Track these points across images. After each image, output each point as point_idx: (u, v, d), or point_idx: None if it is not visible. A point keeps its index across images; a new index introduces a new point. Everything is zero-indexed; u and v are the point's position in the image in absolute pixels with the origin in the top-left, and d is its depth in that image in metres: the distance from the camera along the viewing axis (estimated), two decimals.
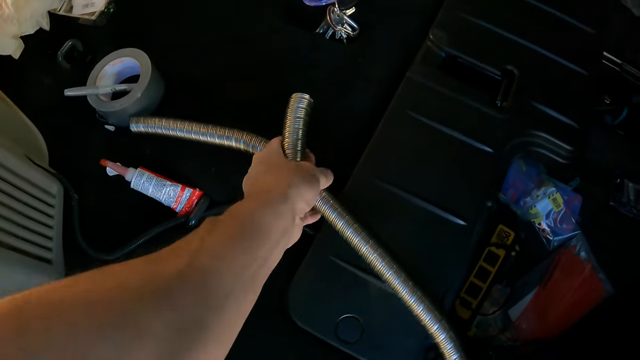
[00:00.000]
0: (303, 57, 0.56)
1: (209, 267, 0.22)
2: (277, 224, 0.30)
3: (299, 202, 0.34)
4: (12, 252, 0.44)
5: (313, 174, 0.37)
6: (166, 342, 0.18)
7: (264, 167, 0.38)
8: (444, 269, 0.44)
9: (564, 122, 0.53)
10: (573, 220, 0.64)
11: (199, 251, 0.23)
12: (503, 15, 0.59)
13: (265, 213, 0.30)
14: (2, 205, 0.43)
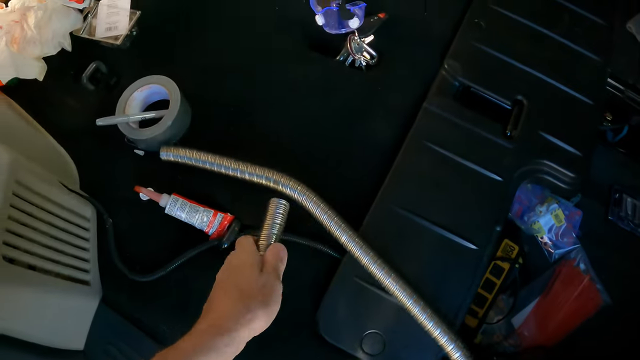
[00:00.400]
0: (324, 83, 0.62)
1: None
2: (228, 352, 0.35)
3: (250, 333, 0.39)
4: (52, 278, 0.50)
5: (273, 294, 0.40)
6: None
7: (229, 281, 0.40)
8: (457, 290, 0.52)
9: (569, 150, 0.60)
10: (573, 235, 0.73)
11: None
12: (513, 44, 0.65)
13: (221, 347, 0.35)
14: (40, 233, 0.49)
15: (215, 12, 0.68)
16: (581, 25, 0.72)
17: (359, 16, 0.61)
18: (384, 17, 0.64)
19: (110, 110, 0.61)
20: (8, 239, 0.45)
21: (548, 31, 0.69)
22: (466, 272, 0.52)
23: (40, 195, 0.51)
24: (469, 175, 0.55)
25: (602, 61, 0.69)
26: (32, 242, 0.48)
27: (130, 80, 0.63)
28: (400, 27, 0.66)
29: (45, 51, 0.67)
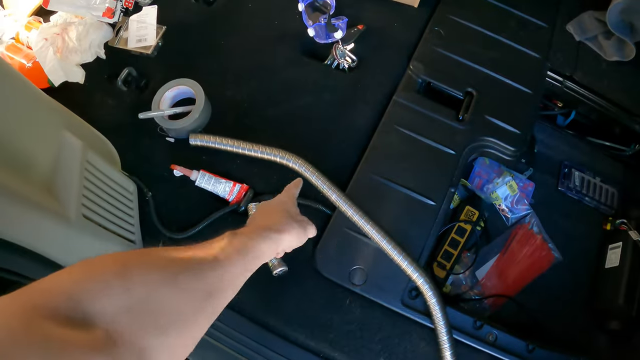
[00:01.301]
0: (315, 82, 0.90)
1: (223, 263, 0.44)
2: (266, 253, 0.51)
3: (284, 245, 0.56)
4: (110, 234, 0.77)
5: (305, 229, 0.59)
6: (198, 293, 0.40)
7: (280, 208, 0.60)
8: (420, 235, 0.80)
9: (510, 130, 0.89)
10: (526, 202, 1.01)
11: (220, 253, 0.45)
12: (467, 47, 0.94)
13: (263, 244, 0.51)
14: (102, 200, 0.76)
15: (227, 27, 0.95)
16: (525, 28, 1.02)
17: (342, 28, 0.90)
18: (362, 28, 0.93)
19: (141, 107, 0.88)
20: (84, 202, 0.72)
21: (496, 35, 0.98)
22: (427, 222, 0.80)
23: (100, 171, 0.78)
24: (429, 150, 0.84)
25: (541, 57, 0.99)
26: (98, 206, 0.75)
27: (157, 83, 0.91)
28: (375, 37, 0.95)
29: (84, 59, 0.94)
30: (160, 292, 0.39)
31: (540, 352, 0.82)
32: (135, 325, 0.36)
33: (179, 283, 0.40)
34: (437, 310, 0.76)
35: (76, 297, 0.34)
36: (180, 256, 0.43)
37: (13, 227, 0.61)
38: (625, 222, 0.99)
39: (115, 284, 0.36)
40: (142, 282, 0.38)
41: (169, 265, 0.41)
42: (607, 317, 0.96)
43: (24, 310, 0.32)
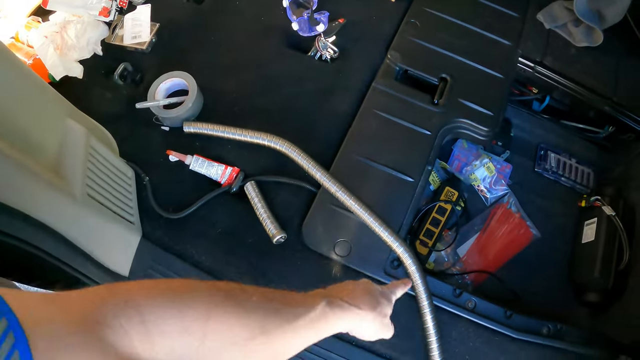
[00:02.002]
0: (300, 73, 1.02)
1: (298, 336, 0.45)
2: (338, 329, 0.51)
3: (357, 331, 0.55)
4: (112, 213, 0.88)
5: (384, 330, 0.58)
6: None
7: (378, 300, 0.57)
8: (400, 209, 0.91)
9: (482, 111, 1.01)
10: (504, 183, 1.13)
11: (302, 325, 0.45)
12: (441, 37, 1.07)
13: (343, 323, 0.51)
14: (103, 181, 0.87)
15: (216, 24, 1.08)
16: (497, 18, 1.15)
17: (323, 22, 1.03)
18: (342, 22, 1.06)
19: (137, 99, 0.99)
20: (88, 182, 0.82)
21: (470, 25, 1.11)
22: (406, 197, 0.92)
23: (102, 156, 0.89)
24: (406, 131, 0.95)
25: (512, 45, 1.11)
26: (100, 187, 0.86)
27: (151, 77, 1.02)
28: (355, 29, 1.08)
29: (82, 55, 1.05)
30: (234, 348, 0.40)
31: (518, 318, 0.92)
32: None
33: (253, 344, 0.41)
34: (417, 278, 0.87)
35: (149, 326, 0.34)
36: (267, 313, 0.43)
37: (29, 201, 0.72)
38: (599, 198, 1.11)
39: (195, 329, 0.37)
40: (220, 334, 0.39)
41: (252, 323, 0.41)
42: (584, 289, 1.07)
43: (92, 323, 0.32)
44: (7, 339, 0.25)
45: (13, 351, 0.25)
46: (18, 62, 0.81)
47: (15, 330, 0.26)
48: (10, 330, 0.25)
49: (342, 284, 0.57)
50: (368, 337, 0.60)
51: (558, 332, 0.93)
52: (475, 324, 0.91)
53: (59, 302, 0.32)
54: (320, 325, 0.48)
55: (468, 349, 0.89)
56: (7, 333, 0.25)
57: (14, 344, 0.25)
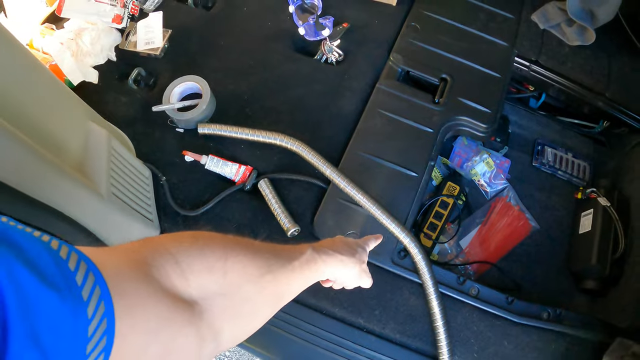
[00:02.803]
0: (307, 75, 1.13)
1: (297, 275, 0.54)
2: (326, 273, 0.60)
3: (339, 275, 0.65)
4: (133, 210, 0.98)
5: (361, 276, 0.68)
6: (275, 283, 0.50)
7: (354, 248, 0.68)
8: (405, 202, 1.02)
9: (481, 109, 1.12)
10: (503, 177, 1.24)
11: (299, 265, 0.54)
12: (441, 39, 1.18)
13: (328, 267, 0.59)
14: (124, 180, 0.97)
15: (225, 29, 1.19)
16: (493, 20, 1.26)
17: (329, 27, 1.14)
18: (347, 26, 1.17)
19: (151, 103, 1.09)
20: (112, 182, 0.93)
21: (467, 27, 1.22)
22: (410, 191, 1.03)
23: (122, 157, 0.99)
24: (409, 129, 1.06)
25: (508, 45, 1.23)
26: (122, 186, 0.96)
27: (164, 81, 1.13)
28: (359, 33, 1.19)
29: (97, 61, 1.15)
30: (248, 285, 0.47)
31: (519, 304, 1.03)
32: (223, 309, 0.44)
33: (263, 281, 0.49)
34: (424, 266, 0.97)
35: (183, 266, 0.42)
36: (269, 256, 0.52)
37: (62, 199, 0.82)
38: (595, 190, 1.22)
39: (217, 268, 0.45)
40: (237, 272, 0.46)
41: (260, 262, 0.49)
42: (583, 277, 1.18)
43: (141, 264, 0.39)
44: (96, 292, 0.32)
45: (100, 301, 0.32)
46: (44, 67, 0.91)
47: (98, 278, 0.33)
48: (97, 284, 0.32)
49: (322, 241, 0.69)
50: (349, 283, 0.71)
51: (558, 317, 1.04)
52: (478, 310, 1.01)
53: (111, 252, 0.39)
54: (311, 267, 0.57)
55: (473, 333, 1.00)
56: (95, 287, 0.32)
57: (100, 295, 0.32)
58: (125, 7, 1.18)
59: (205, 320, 0.42)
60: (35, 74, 0.86)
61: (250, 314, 0.49)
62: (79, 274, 0.31)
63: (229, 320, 0.46)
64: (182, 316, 0.40)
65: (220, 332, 0.44)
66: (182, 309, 0.40)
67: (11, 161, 0.73)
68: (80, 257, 0.33)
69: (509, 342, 1.00)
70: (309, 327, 0.97)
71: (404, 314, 0.99)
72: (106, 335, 0.32)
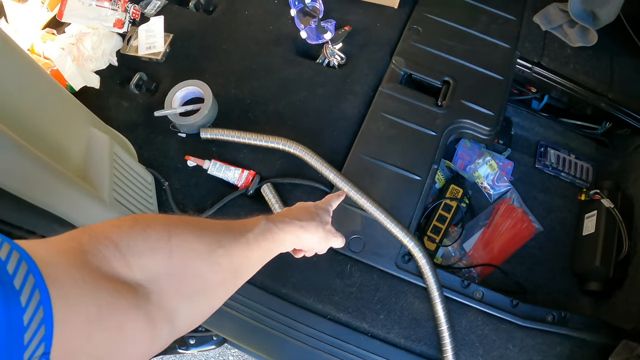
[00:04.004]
0: (309, 79, 1.12)
1: (252, 247, 0.53)
2: (287, 243, 0.60)
3: (305, 243, 0.64)
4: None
5: (329, 238, 0.68)
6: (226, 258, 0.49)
7: (312, 210, 0.67)
8: (409, 206, 1.01)
9: (483, 112, 1.12)
10: (506, 179, 1.24)
11: (252, 236, 0.53)
12: (443, 41, 1.18)
13: (288, 234, 0.59)
14: (127, 186, 0.96)
15: (227, 33, 1.18)
16: (495, 22, 1.26)
17: (330, 30, 1.13)
18: (348, 29, 1.17)
19: (153, 108, 1.09)
20: (115, 187, 0.92)
21: (469, 29, 1.22)
22: (414, 195, 1.02)
23: (125, 162, 0.98)
24: (412, 133, 1.06)
25: (511, 47, 1.23)
26: (125, 192, 0.95)
27: (166, 86, 1.12)
28: (361, 36, 1.19)
29: (98, 66, 1.15)
30: (197, 262, 0.46)
31: (523, 307, 1.03)
32: (172, 289, 0.43)
33: (214, 257, 0.48)
34: (428, 270, 0.97)
35: (124, 250, 0.40)
36: (219, 230, 0.51)
37: (65, 206, 0.82)
38: (598, 192, 1.22)
39: (161, 247, 0.43)
40: (183, 249, 0.45)
41: (209, 238, 0.48)
42: (586, 279, 1.18)
43: (77, 252, 0.37)
44: (29, 280, 0.31)
45: (34, 289, 0.31)
46: (45, 73, 0.91)
47: (31, 266, 0.32)
48: (30, 272, 0.32)
49: (279, 211, 0.67)
50: (319, 248, 0.69)
51: (562, 319, 1.04)
52: (483, 313, 1.01)
53: (46, 242, 0.38)
54: (267, 237, 0.56)
55: (477, 337, 0.99)
56: (28, 275, 0.31)
57: (34, 283, 0.31)
58: (127, 11, 1.17)
59: (153, 302, 0.41)
60: (37, 80, 0.86)
61: (204, 292, 0.47)
62: (10, 264, 0.30)
63: (181, 300, 0.44)
64: (126, 301, 0.39)
65: (174, 313, 0.43)
66: (125, 293, 0.39)
67: (13, 168, 0.73)
68: (13, 247, 0.32)
69: (514, 346, 1.00)
70: (313, 331, 0.97)
71: (409, 318, 0.98)
72: (44, 323, 0.31)
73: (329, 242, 0.70)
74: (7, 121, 0.70)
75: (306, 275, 0.98)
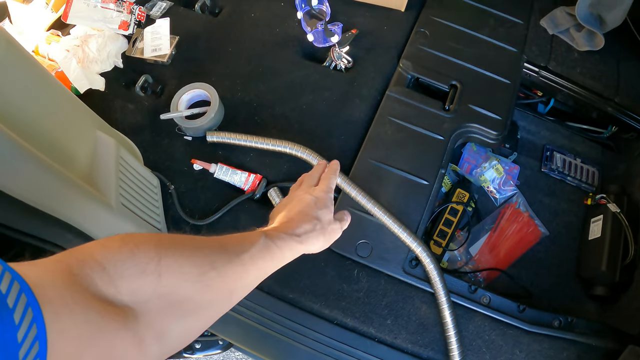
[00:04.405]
0: (316, 82, 1.12)
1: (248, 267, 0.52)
2: (287, 257, 0.59)
3: (313, 248, 0.65)
4: (141, 220, 0.96)
5: (332, 237, 0.68)
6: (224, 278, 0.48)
7: (306, 211, 0.65)
8: (416, 210, 1.01)
9: (491, 116, 1.11)
10: (512, 183, 1.24)
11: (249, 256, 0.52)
12: (450, 45, 1.17)
13: (288, 252, 0.59)
14: (133, 190, 0.96)
15: (233, 36, 1.17)
16: (502, 25, 1.25)
17: (337, 33, 1.13)
18: (355, 32, 1.16)
19: (158, 110, 1.08)
20: (121, 192, 0.91)
21: (476, 33, 1.21)
22: (422, 199, 1.02)
23: (130, 166, 0.97)
24: (420, 137, 1.05)
25: (518, 51, 1.22)
26: (131, 196, 0.94)
27: (171, 88, 1.12)
28: (368, 39, 1.18)
29: (103, 68, 1.14)
30: (187, 285, 0.46)
31: (530, 312, 1.02)
32: (162, 311, 0.43)
33: (205, 279, 0.47)
34: (436, 275, 0.96)
35: (111, 273, 0.41)
36: (213, 250, 0.50)
37: (71, 211, 0.81)
38: (604, 196, 1.21)
39: (150, 270, 0.43)
40: (173, 272, 0.45)
41: (200, 260, 0.48)
42: (592, 283, 1.17)
43: (65, 273, 0.38)
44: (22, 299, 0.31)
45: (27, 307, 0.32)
46: (51, 75, 0.90)
47: (23, 286, 0.32)
48: (22, 291, 0.32)
49: (277, 216, 0.65)
50: (323, 247, 0.68)
51: (569, 325, 1.03)
52: (490, 318, 1.00)
53: (33, 264, 0.38)
54: (265, 257, 0.55)
55: (484, 342, 0.99)
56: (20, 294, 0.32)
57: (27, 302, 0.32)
58: (132, 13, 1.16)
59: (142, 322, 0.41)
60: (43, 82, 0.85)
61: (194, 312, 0.47)
62: (3, 284, 0.31)
63: (170, 321, 0.44)
64: (115, 322, 0.39)
65: (163, 333, 0.43)
66: (114, 314, 0.39)
67: (19, 173, 0.72)
68: (5, 269, 0.32)
69: (520, 351, 0.99)
70: (320, 336, 0.96)
71: (416, 324, 0.98)
72: (38, 340, 0.31)
73: (332, 239, 0.70)
74: (12, 124, 0.69)
75: (313, 280, 0.98)
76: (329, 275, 0.98)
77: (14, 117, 0.72)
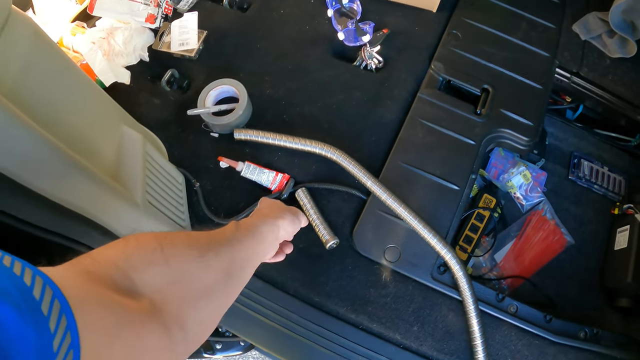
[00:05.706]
0: (346, 82, 1.08)
1: (234, 247, 0.56)
2: (268, 236, 0.65)
3: (282, 230, 0.70)
4: (167, 218, 0.94)
5: (297, 217, 0.75)
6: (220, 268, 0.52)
7: (272, 206, 0.74)
8: (446, 216, 0.98)
9: (523, 122, 1.08)
10: (539, 190, 1.20)
11: (231, 237, 0.57)
12: (482, 47, 1.13)
13: (264, 227, 0.64)
14: (159, 187, 0.93)
15: (262, 32, 1.14)
16: (535, 29, 1.21)
17: (369, 32, 1.09)
18: (387, 32, 1.12)
19: (184, 106, 1.05)
20: (147, 189, 0.88)
21: (509, 36, 1.18)
22: (452, 204, 0.98)
23: (157, 162, 0.95)
24: (451, 141, 1.02)
25: (550, 56, 1.18)
26: (157, 193, 0.92)
27: (198, 84, 1.08)
28: (399, 39, 1.14)
29: (129, 61, 1.11)
30: (192, 267, 0.49)
31: (557, 322, 0.99)
32: (177, 296, 0.45)
33: (205, 259, 0.50)
34: (464, 283, 0.93)
35: (123, 267, 0.42)
36: (204, 237, 0.54)
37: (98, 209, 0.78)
38: (632, 206, 1.18)
39: (156, 258, 0.45)
40: (177, 257, 0.47)
41: (197, 244, 0.51)
42: (617, 295, 1.14)
43: (83, 274, 0.39)
44: (55, 305, 0.31)
45: (61, 314, 0.31)
46: (77, 68, 0.86)
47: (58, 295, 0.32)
48: (55, 297, 0.31)
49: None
50: (293, 229, 0.74)
51: (595, 336, 1.00)
52: (517, 328, 0.97)
53: (56, 268, 0.38)
54: (248, 235, 0.60)
55: (510, 352, 0.96)
56: (54, 300, 0.31)
57: (60, 308, 0.31)
58: (159, 6, 1.13)
59: (164, 311, 0.43)
60: (70, 74, 0.81)
61: (205, 294, 0.49)
62: (36, 289, 0.30)
63: (187, 305, 0.46)
64: (139, 314, 0.40)
65: (184, 319, 0.45)
66: (136, 307, 0.40)
67: (45, 168, 0.69)
68: (35, 273, 0.31)
69: None
70: (344, 341, 0.94)
71: (442, 331, 0.95)
72: (72, 349, 0.31)
73: (299, 220, 0.75)
74: (39, 118, 0.66)
75: (340, 284, 0.95)
76: (356, 280, 0.95)
77: (40, 111, 0.69)
